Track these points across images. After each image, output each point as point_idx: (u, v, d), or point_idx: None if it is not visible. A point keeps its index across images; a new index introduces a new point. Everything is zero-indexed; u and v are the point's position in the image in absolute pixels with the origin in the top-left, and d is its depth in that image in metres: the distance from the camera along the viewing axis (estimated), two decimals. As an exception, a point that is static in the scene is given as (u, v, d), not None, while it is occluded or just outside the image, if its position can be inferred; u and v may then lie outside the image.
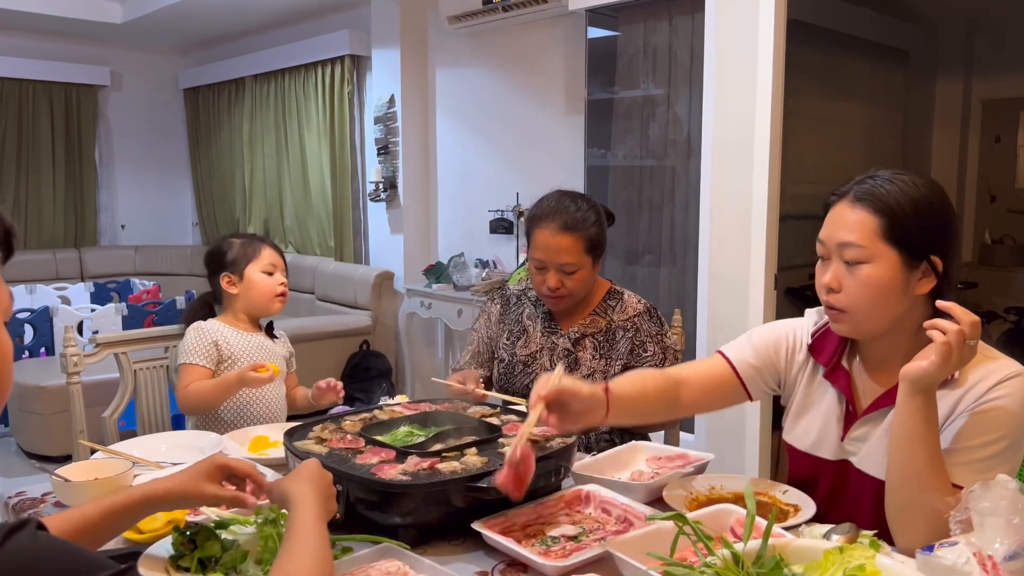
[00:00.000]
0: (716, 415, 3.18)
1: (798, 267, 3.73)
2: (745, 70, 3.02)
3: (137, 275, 6.49)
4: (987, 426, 1.21)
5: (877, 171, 1.30)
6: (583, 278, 1.92)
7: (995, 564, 0.92)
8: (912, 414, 1.18)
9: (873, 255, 1.25)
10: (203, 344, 2.02)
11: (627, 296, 2.04)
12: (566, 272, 1.90)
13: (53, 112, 6.53)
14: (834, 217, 1.30)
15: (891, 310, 1.27)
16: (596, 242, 1.92)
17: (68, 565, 0.65)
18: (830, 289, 1.30)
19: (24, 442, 4.16)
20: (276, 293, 2.11)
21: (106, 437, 2.03)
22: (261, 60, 6.01)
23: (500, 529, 1.27)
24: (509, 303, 2.12)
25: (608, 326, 1.99)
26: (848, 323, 1.31)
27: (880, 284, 1.25)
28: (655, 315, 2.01)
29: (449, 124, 4.84)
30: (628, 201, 3.95)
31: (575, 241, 1.88)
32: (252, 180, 6.36)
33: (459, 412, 1.64)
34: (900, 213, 1.24)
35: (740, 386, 1.49)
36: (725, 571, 0.99)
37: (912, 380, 1.17)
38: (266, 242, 2.15)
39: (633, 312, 2.00)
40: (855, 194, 1.28)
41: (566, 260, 1.88)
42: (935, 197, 1.27)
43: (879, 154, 4.78)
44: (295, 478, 1.12)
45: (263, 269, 2.10)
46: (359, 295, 4.97)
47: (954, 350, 1.12)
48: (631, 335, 1.97)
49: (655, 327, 1.99)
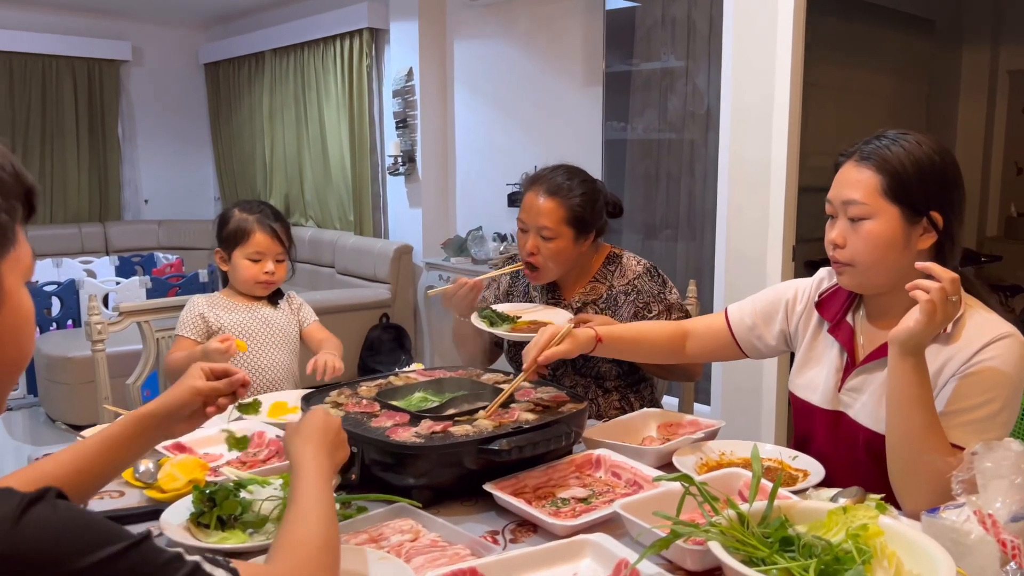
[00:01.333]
0: (731, 385, 3.19)
1: (817, 240, 3.70)
2: (765, 39, 2.98)
3: (160, 249, 6.58)
4: (979, 387, 1.23)
5: (885, 132, 1.35)
6: (559, 249, 1.91)
7: (995, 522, 0.93)
8: (904, 375, 1.20)
9: (875, 211, 1.30)
10: (191, 317, 2.10)
11: (626, 259, 2.02)
12: (544, 237, 1.91)
13: (76, 87, 6.59)
14: (841, 177, 1.36)
15: (893, 264, 1.31)
16: (579, 215, 1.91)
17: (88, 536, 0.65)
18: (835, 245, 1.35)
19: (52, 411, 4.25)
20: (258, 280, 2.12)
21: (130, 404, 2.09)
22: (280, 34, 6.01)
23: (511, 491, 1.30)
24: (518, 275, 2.13)
25: (609, 292, 1.98)
26: (852, 275, 1.36)
27: (882, 238, 1.30)
28: (655, 274, 1.99)
29: (467, 97, 4.83)
30: (646, 174, 3.94)
31: (556, 207, 1.90)
32: (272, 154, 6.39)
33: (473, 378, 1.67)
34: (901, 171, 1.28)
35: (734, 343, 1.60)
36: (730, 530, 1.01)
37: (901, 342, 1.19)
38: (262, 224, 2.11)
39: (633, 275, 1.99)
40: (861, 154, 1.33)
41: (543, 223, 1.90)
42: (938, 157, 1.30)
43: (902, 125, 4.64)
44: (297, 435, 1.08)
45: (249, 256, 2.11)
46: (378, 269, 5.00)
47: (938, 307, 1.15)
48: (633, 298, 1.96)
49: (656, 286, 1.97)
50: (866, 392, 1.38)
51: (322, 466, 1.04)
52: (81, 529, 0.66)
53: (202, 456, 1.48)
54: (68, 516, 0.66)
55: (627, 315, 1.96)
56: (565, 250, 1.92)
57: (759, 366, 3.07)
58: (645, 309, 1.96)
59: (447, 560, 1.10)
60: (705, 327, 1.64)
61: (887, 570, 0.95)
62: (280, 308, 2.21)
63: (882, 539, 0.97)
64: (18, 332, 0.76)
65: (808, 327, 1.51)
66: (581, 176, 1.96)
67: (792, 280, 1.59)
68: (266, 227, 2.11)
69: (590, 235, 1.96)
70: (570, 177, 1.94)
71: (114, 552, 0.66)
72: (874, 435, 1.34)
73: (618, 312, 1.97)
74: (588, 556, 1.10)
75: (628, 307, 1.96)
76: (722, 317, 1.62)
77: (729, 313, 1.62)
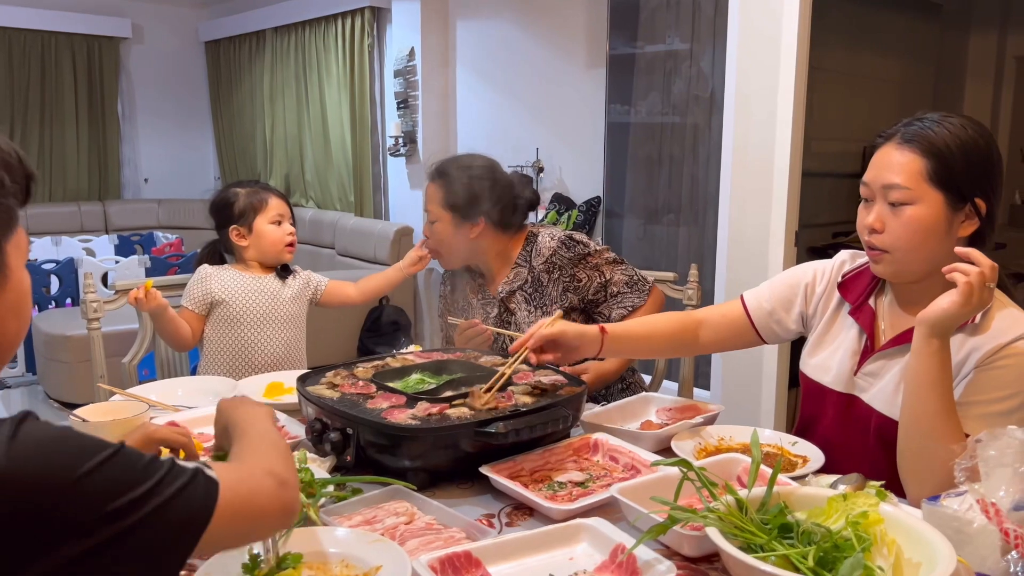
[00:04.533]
0: (732, 370, 3.18)
1: (820, 225, 3.67)
2: (771, 22, 2.94)
3: (160, 228, 6.56)
4: (1000, 381, 1.21)
5: (925, 114, 1.30)
6: (440, 232, 1.96)
7: (998, 510, 0.91)
8: (928, 358, 1.18)
9: (918, 196, 1.25)
10: (193, 288, 2.11)
11: (541, 236, 1.97)
12: (429, 220, 1.98)
13: (75, 64, 6.54)
14: (880, 159, 1.30)
15: (933, 251, 1.27)
16: (455, 201, 1.92)
17: (79, 445, 0.72)
18: (872, 230, 1.30)
19: (51, 389, 4.26)
20: (286, 243, 2.13)
21: (126, 382, 2.07)
22: (281, 12, 5.96)
23: (508, 474, 1.29)
24: (456, 279, 2.12)
25: (532, 274, 1.95)
26: (890, 263, 1.31)
27: (924, 225, 1.25)
28: (572, 243, 1.92)
29: (469, 78, 4.79)
30: (649, 158, 3.91)
31: (435, 190, 1.96)
32: (273, 134, 6.35)
33: (470, 361, 1.65)
34: (948, 155, 1.24)
35: (752, 329, 1.55)
36: (728, 516, 1.00)
37: (931, 323, 1.17)
38: (271, 191, 2.16)
39: (548, 251, 1.93)
40: (903, 135, 1.28)
41: (426, 205, 1.99)
42: (983, 140, 1.26)
43: (908, 110, 4.61)
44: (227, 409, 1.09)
45: (271, 220, 2.12)
46: (378, 250, 4.98)
47: (975, 291, 1.13)
48: (556, 276, 1.92)
49: (576, 255, 1.91)
50: (884, 377, 1.36)
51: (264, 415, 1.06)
52: (70, 441, 0.72)
53: (197, 436, 1.47)
54: (58, 432, 0.72)
55: (555, 294, 1.92)
56: (446, 233, 1.95)
57: (760, 351, 3.05)
58: (574, 282, 1.91)
59: (442, 543, 1.09)
60: (720, 315, 1.58)
61: (887, 558, 0.94)
62: (288, 285, 2.19)
63: (882, 527, 0.96)
64: (20, 307, 0.83)
65: (828, 308, 1.48)
66: (476, 162, 1.99)
67: (809, 263, 1.55)
68: (276, 192, 2.18)
69: (475, 223, 1.93)
70: (460, 164, 1.98)
71: (104, 458, 0.71)
72: (887, 421, 1.32)
73: (545, 294, 1.93)
74: (584, 540, 1.09)
75: (554, 286, 1.92)
76: (738, 304, 1.57)
77: (746, 299, 1.56)
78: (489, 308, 2.01)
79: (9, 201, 0.78)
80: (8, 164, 0.78)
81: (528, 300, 1.94)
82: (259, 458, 0.92)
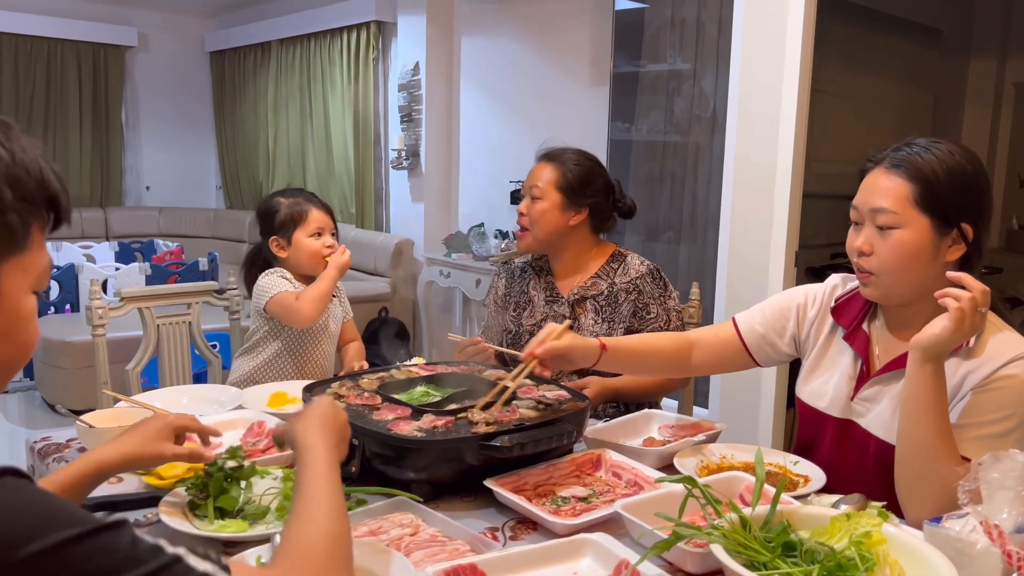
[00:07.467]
0: (730, 389, 3.19)
1: (820, 246, 3.69)
2: (774, 43, 2.97)
3: (161, 236, 6.56)
4: (997, 403, 1.22)
5: (914, 139, 1.31)
6: (544, 211, 1.98)
7: (1001, 533, 0.92)
8: (923, 382, 1.19)
9: (905, 221, 1.27)
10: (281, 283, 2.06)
11: (630, 258, 2.04)
12: (533, 197, 2.00)
13: (81, 71, 6.57)
14: (869, 183, 1.32)
15: (920, 275, 1.29)
16: (571, 183, 1.98)
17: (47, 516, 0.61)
18: (861, 252, 1.32)
19: (48, 395, 4.24)
20: (323, 255, 2.12)
21: (129, 389, 2.08)
22: (287, 24, 6.00)
23: (512, 487, 1.29)
24: (514, 276, 2.14)
25: (610, 289, 1.99)
26: (877, 286, 1.33)
27: (910, 249, 1.27)
28: (658, 276, 2.01)
29: (473, 93, 4.82)
30: (650, 176, 3.93)
31: (549, 170, 2.00)
32: (276, 145, 6.38)
33: (474, 374, 1.66)
34: (934, 181, 1.25)
35: (745, 352, 1.56)
36: (732, 534, 1.01)
37: (924, 348, 1.18)
38: (313, 202, 2.15)
39: (636, 274, 2.00)
40: (891, 161, 1.30)
41: (534, 183, 2.01)
42: (971, 167, 1.27)
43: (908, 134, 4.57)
44: (305, 421, 1.05)
45: (310, 233, 2.11)
46: (379, 262, 4.99)
47: (967, 316, 1.14)
48: (634, 297, 1.97)
49: (658, 289, 1.99)
50: (881, 402, 1.37)
51: (332, 455, 0.99)
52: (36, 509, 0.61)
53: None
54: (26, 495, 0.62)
55: (626, 312, 1.96)
56: (551, 213, 1.98)
57: (757, 371, 3.06)
58: (644, 310, 1.97)
59: (447, 555, 1.10)
60: (713, 336, 1.59)
61: (889, 578, 0.95)
62: (338, 303, 2.20)
63: (885, 547, 0.97)
64: (11, 333, 0.75)
65: (821, 333, 1.49)
66: (586, 156, 2.04)
67: (801, 286, 1.56)
68: (318, 203, 2.17)
69: (580, 211, 1.99)
70: (575, 153, 2.04)
71: (70, 537, 0.60)
72: (885, 445, 1.33)
73: (617, 309, 1.97)
74: (588, 555, 1.10)
75: (628, 305, 1.97)
76: (730, 326, 1.58)
77: (738, 321, 1.57)
78: (557, 306, 2.03)
79: (10, 218, 0.70)
80: (16, 179, 0.70)
81: (598, 311, 1.98)
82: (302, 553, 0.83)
